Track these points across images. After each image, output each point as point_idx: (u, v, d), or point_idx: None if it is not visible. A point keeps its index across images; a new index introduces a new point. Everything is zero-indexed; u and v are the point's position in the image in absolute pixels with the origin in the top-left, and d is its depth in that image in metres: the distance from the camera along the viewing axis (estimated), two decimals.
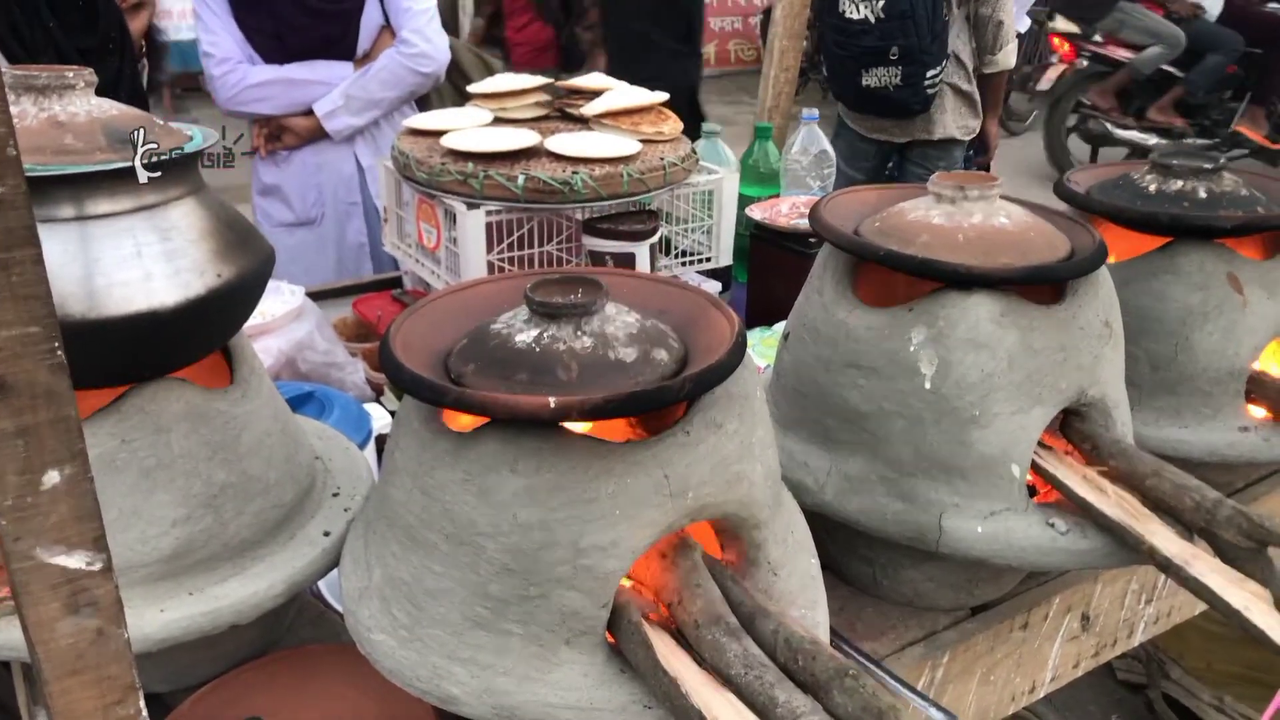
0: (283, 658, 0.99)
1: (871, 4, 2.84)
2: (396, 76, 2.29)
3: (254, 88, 2.24)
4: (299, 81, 2.26)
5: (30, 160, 0.79)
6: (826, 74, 3.12)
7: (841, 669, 0.70)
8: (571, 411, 0.73)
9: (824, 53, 3.10)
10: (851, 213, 1.13)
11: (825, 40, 3.04)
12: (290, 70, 2.26)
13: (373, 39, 2.32)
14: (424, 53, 2.30)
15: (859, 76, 2.95)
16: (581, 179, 1.47)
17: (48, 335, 0.51)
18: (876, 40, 2.88)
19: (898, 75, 2.94)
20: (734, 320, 0.85)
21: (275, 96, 2.26)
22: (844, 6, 2.87)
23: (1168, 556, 0.92)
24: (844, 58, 2.96)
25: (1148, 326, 1.22)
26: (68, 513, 0.55)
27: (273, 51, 2.25)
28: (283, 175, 2.37)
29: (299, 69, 2.26)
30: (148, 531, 0.87)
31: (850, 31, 2.89)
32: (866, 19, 2.86)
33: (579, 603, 0.78)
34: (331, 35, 2.27)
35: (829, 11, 2.92)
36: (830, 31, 2.96)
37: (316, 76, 2.26)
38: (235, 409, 0.93)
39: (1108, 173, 1.37)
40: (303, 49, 2.25)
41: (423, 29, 2.30)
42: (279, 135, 2.33)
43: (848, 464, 1.05)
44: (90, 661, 0.58)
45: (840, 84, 3.11)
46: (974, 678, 1.14)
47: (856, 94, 3.03)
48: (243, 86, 2.23)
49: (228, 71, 2.22)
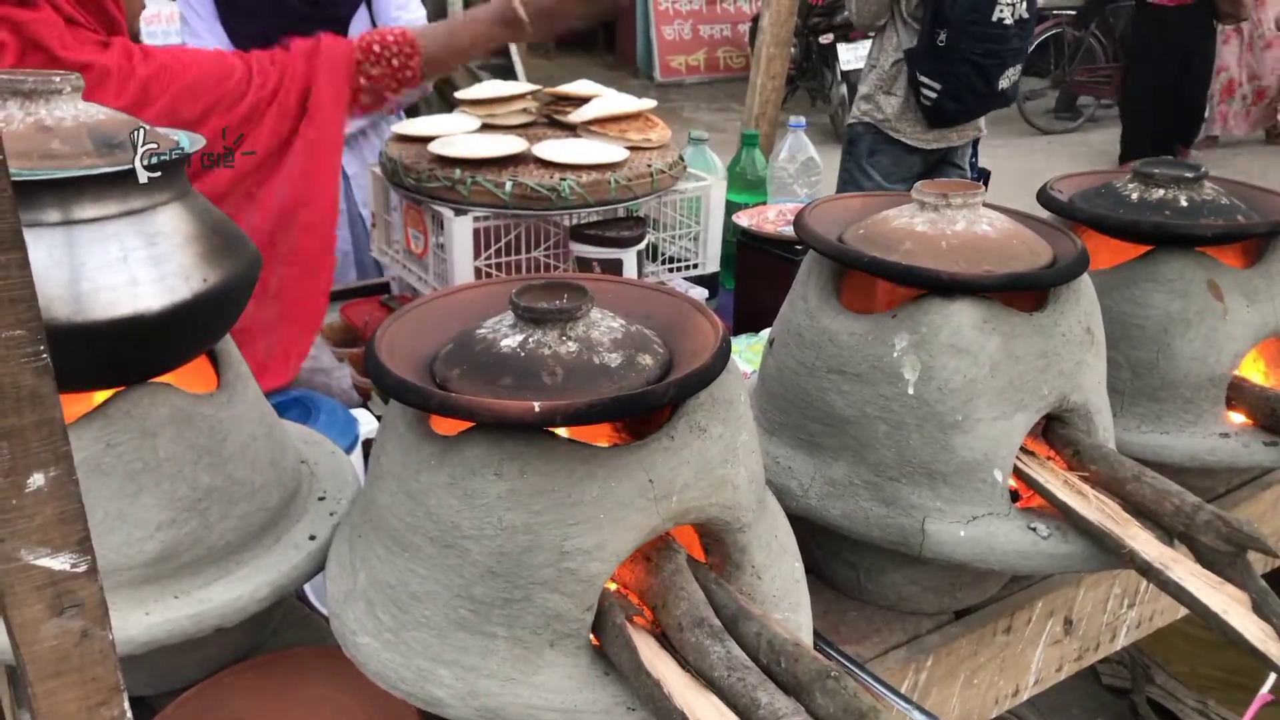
0: (268, 661, 0.99)
1: (1016, 7, 2.88)
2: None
3: None
4: None
5: (16, 165, 0.79)
6: (942, 94, 2.94)
7: (823, 671, 0.71)
8: (556, 416, 0.74)
9: (949, 71, 2.92)
10: (836, 220, 1.14)
11: (954, 57, 2.90)
12: None
13: None
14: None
15: (998, 81, 2.96)
16: (569, 185, 1.48)
17: (33, 338, 0.52)
18: (1020, 41, 2.94)
19: (1019, 71, 3.01)
20: (718, 325, 0.86)
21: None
22: (1001, 14, 2.87)
23: (1148, 560, 0.93)
24: (988, 65, 2.93)
25: (1129, 333, 1.23)
26: (52, 515, 0.55)
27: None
28: None
29: None
30: (133, 535, 0.87)
31: (1004, 37, 2.90)
32: (1013, 23, 2.89)
33: (563, 605, 0.78)
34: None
35: (977, 25, 2.87)
36: (977, 44, 2.89)
37: None
38: (221, 413, 0.94)
39: (1090, 181, 1.38)
40: None
41: None
42: None
43: (831, 469, 1.05)
44: (74, 663, 0.58)
45: (969, 97, 2.99)
46: (957, 681, 1.15)
47: (984, 100, 3.01)
48: None
49: None
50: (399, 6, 2.30)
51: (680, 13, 9.92)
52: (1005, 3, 2.86)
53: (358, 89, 1.54)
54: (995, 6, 2.86)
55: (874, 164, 3.15)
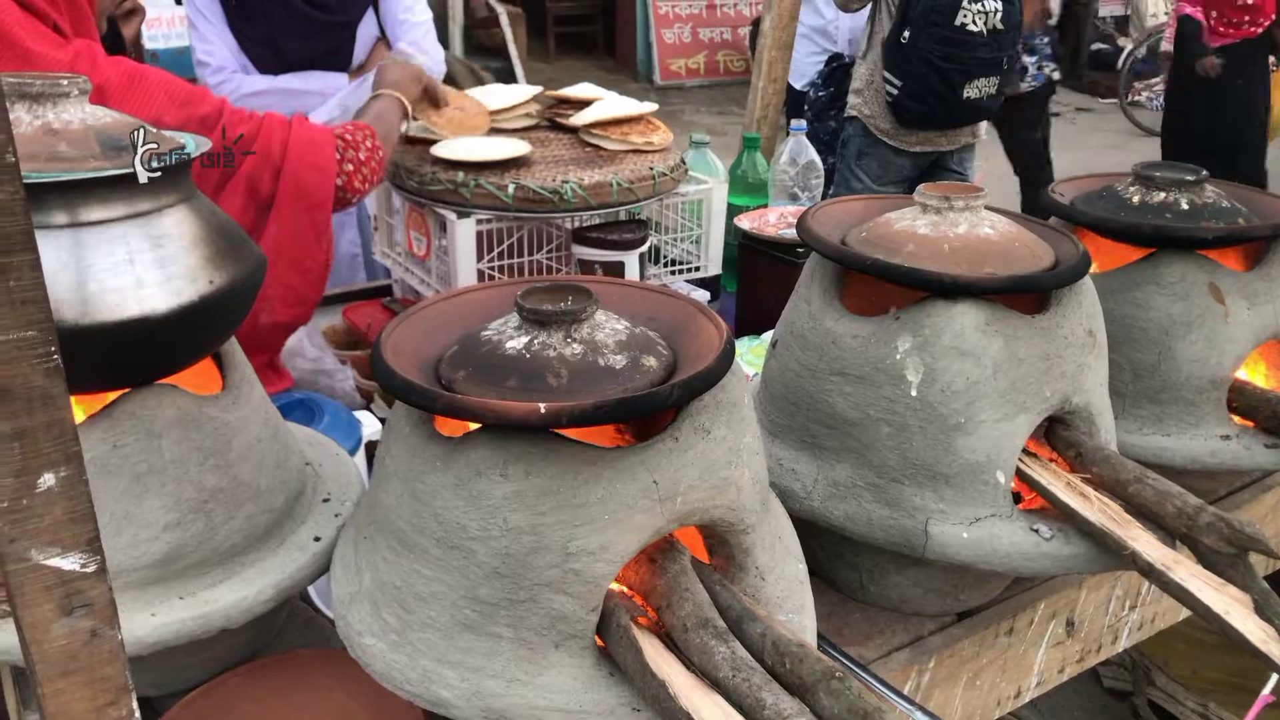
0: (272, 662, 0.99)
1: (990, 16, 2.85)
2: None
3: (249, 97, 2.22)
4: (294, 91, 2.25)
5: (24, 167, 0.78)
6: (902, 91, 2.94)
7: (828, 671, 0.71)
8: (561, 417, 0.74)
9: (909, 70, 2.93)
10: (839, 223, 1.14)
11: (914, 56, 2.91)
12: (285, 80, 2.25)
13: (368, 51, 2.32)
14: (420, 64, 2.30)
15: (961, 89, 2.93)
16: (571, 188, 1.48)
17: (44, 339, 0.52)
18: (991, 52, 2.89)
19: (994, 84, 2.96)
20: (722, 327, 0.86)
21: (271, 106, 2.23)
22: (964, 20, 2.85)
23: (1150, 562, 0.93)
24: (950, 70, 2.91)
25: (1131, 336, 1.23)
26: (62, 515, 0.55)
27: (269, 62, 2.25)
28: None
29: (294, 79, 2.25)
30: (139, 536, 0.88)
31: (968, 44, 2.87)
32: (982, 31, 2.86)
33: (568, 606, 0.78)
34: (329, 47, 2.26)
35: (938, 26, 2.87)
36: (936, 45, 2.88)
37: (311, 87, 2.26)
38: (226, 415, 0.94)
39: (1092, 184, 1.38)
40: (300, 60, 2.25)
41: (419, 40, 2.30)
42: None
43: (835, 470, 1.06)
44: (84, 663, 0.59)
45: (931, 100, 2.98)
46: (960, 683, 1.15)
47: (948, 108, 2.98)
48: (238, 95, 2.22)
49: (223, 81, 2.22)
50: (406, 9, 2.31)
51: (680, 16, 9.92)
52: (974, 10, 2.84)
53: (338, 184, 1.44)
54: (958, 11, 2.84)
55: (862, 167, 3.14)
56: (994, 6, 2.85)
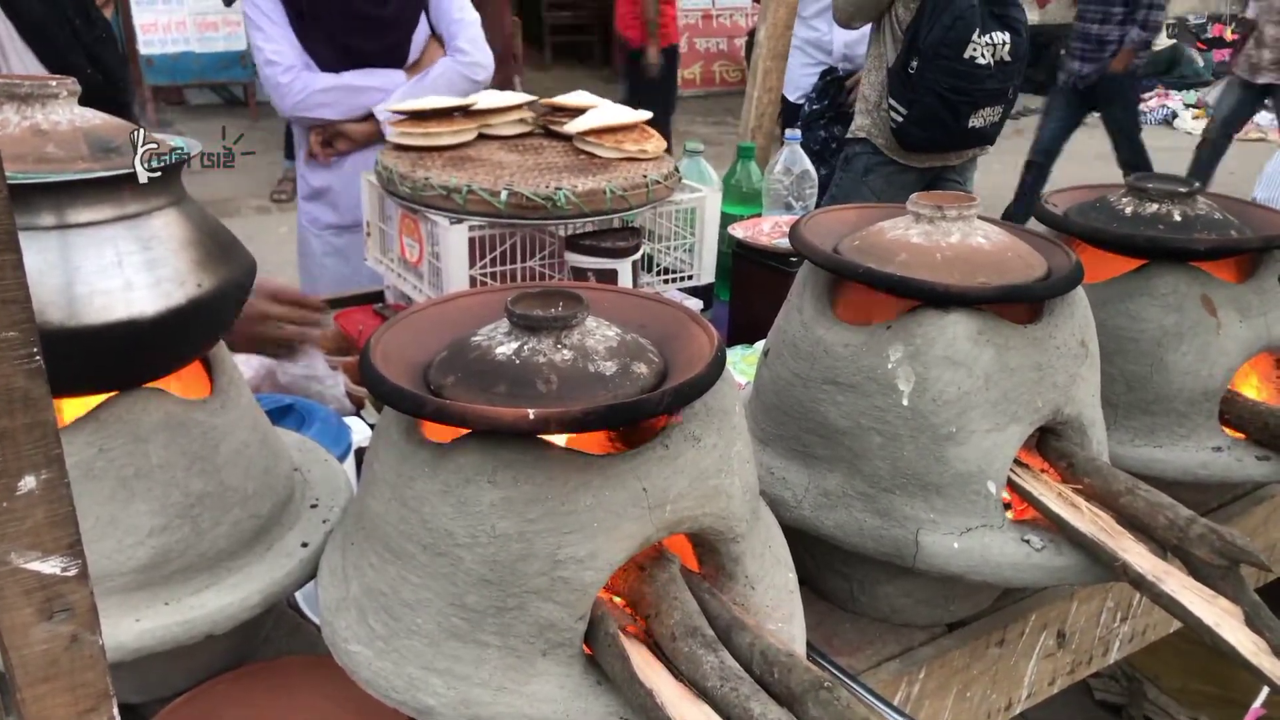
0: (259, 669, 0.99)
1: (998, 49, 2.87)
2: (452, 82, 2.36)
3: (318, 93, 2.30)
4: (358, 88, 2.33)
5: (11, 168, 0.79)
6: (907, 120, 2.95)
7: (816, 681, 0.70)
8: (550, 423, 0.74)
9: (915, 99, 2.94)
10: (831, 231, 1.14)
11: (921, 86, 2.92)
12: (350, 77, 2.32)
13: (421, 49, 2.40)
14: (478, 61, 2.40)
15: (966, 119, 2.95)
16: (564, 195, 1.48)
17: (26, 340, 0.51)
18: (997, 83, 2.92)
19: (999, 113, 2.99)
20: (713, 335, 0.86)
21: (337, 102, 2.33)
22: (973, 53, 2.87)
23: (1141, 573, 0.93)
24: (959, 102, 2.93)
25: (1123, 347, 1.23)
26: (43, 518, 0.55)
27: (331, 60, 2.32)
28: (333, 179, 2.43)
29: (357, 76, 2.33)
30: (124, 541, 0.87)
31: (976, 77, 2.89)
32: (990, 64, 2.88)
33: (556, 614, 0.78)
34: (388, 45, 2.35)
35: (947, 59, 2.88)
36: (944, 77, 2.89)
37: (374, 83, 2.33)
38: (214, 419, 0.93)
39: (1085, 195, 1.38)
40: (361, 58, 2.33)
41: (475, 39, 2.40)
42: (332, 141, 2.38)
43: (825, 480, 1.05)
44: (64, 668, 0.58)
45: (936, 128, 2.99)
46: (950, 694, 1.14)
47: (952, 135, 3.00)
48: (308, 92, 2.29)
49: (293, 79, 2.29)
50: (460, 8, 2.39)
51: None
52: (982, 43, 2.85)
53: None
54: (968, 45, 2.85)
55: (868, 184, 3.15)
56: (1002, 39, 2.87)
